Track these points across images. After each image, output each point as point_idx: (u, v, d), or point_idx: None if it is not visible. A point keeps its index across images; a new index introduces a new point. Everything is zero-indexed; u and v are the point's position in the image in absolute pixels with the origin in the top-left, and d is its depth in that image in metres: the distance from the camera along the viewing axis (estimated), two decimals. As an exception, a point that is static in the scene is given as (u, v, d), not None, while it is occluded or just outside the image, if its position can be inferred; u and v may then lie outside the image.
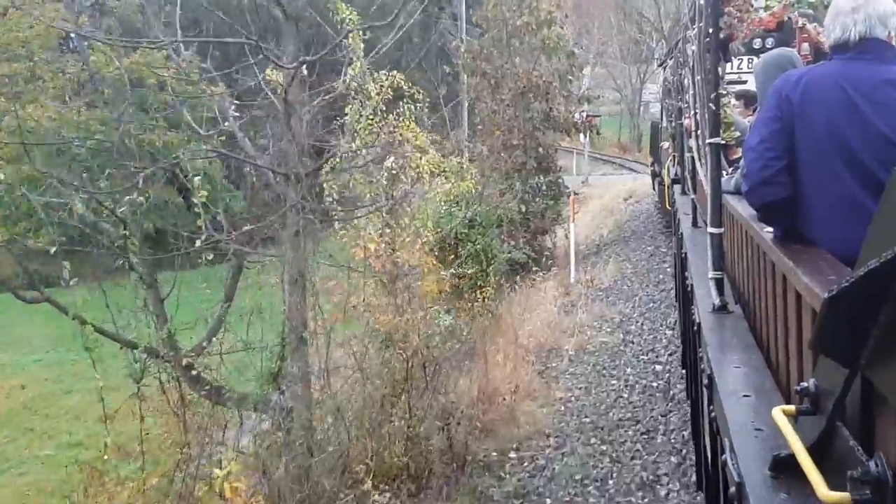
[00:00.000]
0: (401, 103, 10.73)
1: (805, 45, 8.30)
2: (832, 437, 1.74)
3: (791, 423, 1.92)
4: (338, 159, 9.76)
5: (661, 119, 20.33)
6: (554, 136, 22.45)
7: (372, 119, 10.30)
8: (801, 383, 1.89)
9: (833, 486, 1.57)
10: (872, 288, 1.31)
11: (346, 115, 10.28)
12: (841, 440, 1.69)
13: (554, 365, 11.84)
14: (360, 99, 10.22)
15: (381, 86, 10.45)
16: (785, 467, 2.02)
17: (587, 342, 12.49)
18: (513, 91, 20.36)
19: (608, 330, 13.06)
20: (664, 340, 11.90)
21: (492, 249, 15.09)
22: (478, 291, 13.63)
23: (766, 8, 8.40)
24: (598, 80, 63.44)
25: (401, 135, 10.65)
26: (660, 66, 22.69)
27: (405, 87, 10.85)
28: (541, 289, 16.33)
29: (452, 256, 14.17)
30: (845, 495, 1.48)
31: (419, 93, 11.07)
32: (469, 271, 14.47)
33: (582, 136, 26.12)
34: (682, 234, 8.26)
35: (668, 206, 14.86)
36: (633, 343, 12.36)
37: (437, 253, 13.59)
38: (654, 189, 27.84)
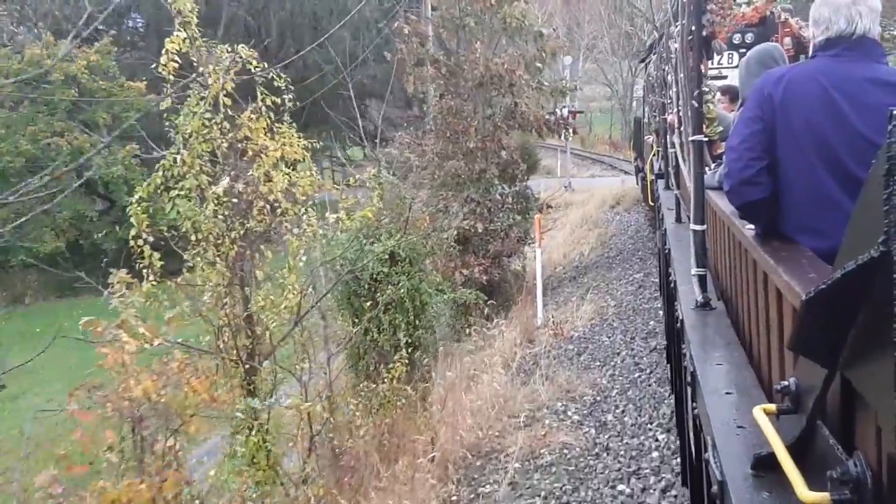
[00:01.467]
0: (262, 96, 7.43)
1: (787, 40, 8.36)
2: (812, 436, 1.74)
3: (772, 422, 1.93)
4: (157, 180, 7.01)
5: (644, 114, 20.38)
6: (523, 137, 20.23)
7: (209, 119, 7.08)
8: (782, 382, 1.89)
9: (813, 485, 1.57)
10: (849, 290, 1.32)
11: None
12: (821, 439, 1.69)
13: (485, 491, 7.41)
14: (195, 89, 7.10)
15: (224, 67, 7.12)
16: (767, 466, 2.03)
17: (542, 442, 8.10)
18: (470, 82, 16.76)
19: (575, 418, 8.68)
20: (655, 454, 7.36)
21: (421, 294, 11.81)
22: (391, 363, 10.05)
23: (749, 3, 8.45)
24: (589, 76, 63.12)
25: (254, 142, 7.42)
26: (641, 62, 22.76)
27: (255, 68, 7.26)
28: (497, 337, 12.52)
29: (371, 303, 10.97)
30: (825, 495, 1.48)
31: (284, 81, 7.56)
32: (382, 332, 11.28)
33: (562, 136, 21.02)
34: (665, 229, 8.28)
35: (650, 201, 14.88)
36: (608, 451, 7.75)
37: (348, 302, 11.60)
38: (637, 184, 27.91)
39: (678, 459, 6.84)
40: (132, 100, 29.31)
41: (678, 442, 6.95)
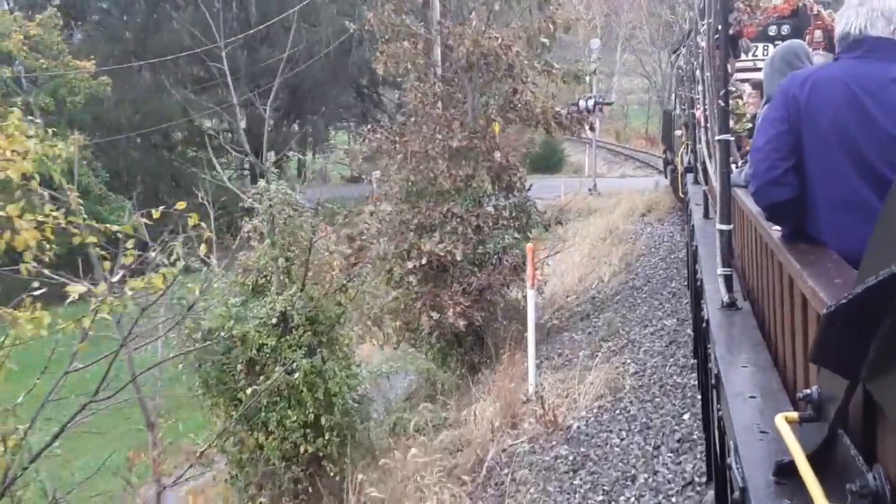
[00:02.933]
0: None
1: (818, 32, 8.27)
2: (834, 446, 1.73)
3: (794, 430, 1.93)
4: None
5: (675, 106, 20.20)
6: (525, 133, 16.11)
7: None
8: (805, 390, 1.88)
9: (833, 495, 1.57)
10: (871, 303, 1.31)
11: None
12: (842, 449, 1.69)
13: None
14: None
15: None
16: (789, 473, 2.02)
17: None
18: (456, 63, 13.23)
19: None
20: None
21: (327, 380, 8.49)
22: (282, 483, 7.78)
23: (782, -6, 8.36)
24: (627, 67, 62.12)
25: None
26: (674, 52, 22.54)
27: None
28: (469, 417, 9.26)
29: (251, 391, 7.97)
30: None
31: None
32: (270, 436, 8.24)
33: (575, 134, 16.16)
34: (693, 225, 8.23)
35: (681, 194, 14.76)
36: None
37: (221, 389, 8.50)
38: (666, 177, 27.58)
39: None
40: (80, 81, 26.77)
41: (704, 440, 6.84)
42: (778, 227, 3.08)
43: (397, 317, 12.09)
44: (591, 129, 18.36)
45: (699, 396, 7.62)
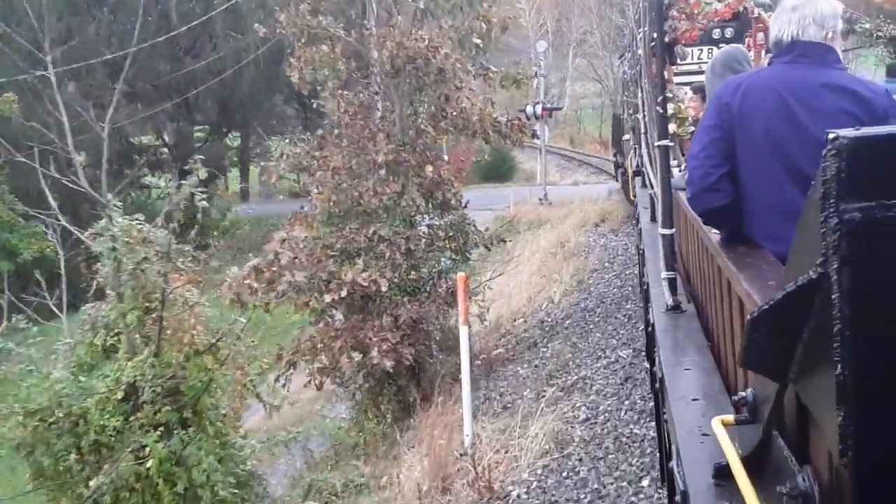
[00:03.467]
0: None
1: (760, 35, 8.42)
2: (768, 448, 1.76)
3: (732, 433, 1.95)
4: None
5: (623, 110, 20.45)
6: (461, 142, 15.29)
7: None
8: (740, 393, 1.91)
9: (769, 497, 1.59)
10: (792, 308, 1.34)
11: None
12: (776, 451, 1.71)
13: None
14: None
15: None
16: (727, 476, 2.04)
17: None
18: (379, 68, 12.10)
19: None
20: None
21: (190, 468, 6.55)
22: None
23: (721, -1, 8.52)
24: (579, 71, 62.12)
25: None
26: (620, 57, 22.82)
27: None
28: (396, 480, 8.07)
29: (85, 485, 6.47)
30: None
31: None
32: None
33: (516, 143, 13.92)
34: (640, 228, 8.31)
35: (631, 196, 14.94)
36: None
37: (46, 485, 6.56)
38: (617, 180, 27.82)
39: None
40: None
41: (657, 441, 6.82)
42: (717, 231, 3.12)
43: (314, 358, 10.46)
44: (534, 136, 16.30)
45: (654, 421, 7.59)
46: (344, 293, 10.06)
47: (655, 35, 3.68)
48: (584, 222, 21.33)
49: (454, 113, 11.98)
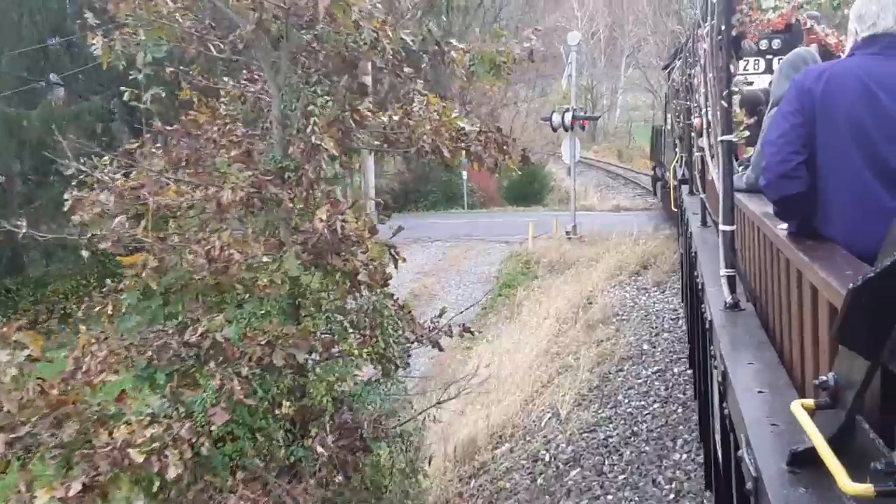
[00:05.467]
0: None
1: (812, 47, 8.33)
2: (852, 431, 1.74)
3: (810, 417, 1.93)
4: None
5: (665, 121, 20.30)
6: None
7: None
8: (820, 377, 1.88)
9: (854, 478, 1.57)
10: (894, 282, 1.32)
11: None
12: (861, 433, 1.69)
13: None
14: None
15: None
16: (803, 461, 2.02)
17: None
18: (243, 29, 6.64)
19: None
20: None
21: None
22: None
23: (775, 9, 8.45)
24: (632, 82, 60.80)
25: None
26: (665, 68, 22.65)
27: None
28: None
29: None
30: (868, 486, 1.48)
31: None
32: None
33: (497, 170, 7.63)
34: (690, 233, 8.28)
35: (673, 207, 14.82)
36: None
37: None
38: (655, 194, 27.32)
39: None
40: None
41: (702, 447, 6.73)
42: (783, 226, 3.08)
43: None
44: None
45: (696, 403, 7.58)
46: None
47: (723, 27, 3.66)
48: (619, 269, 16.51)
49: (390, 122, 7.35)
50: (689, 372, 8.78)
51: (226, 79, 7.61)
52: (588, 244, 19.93)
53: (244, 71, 7.63)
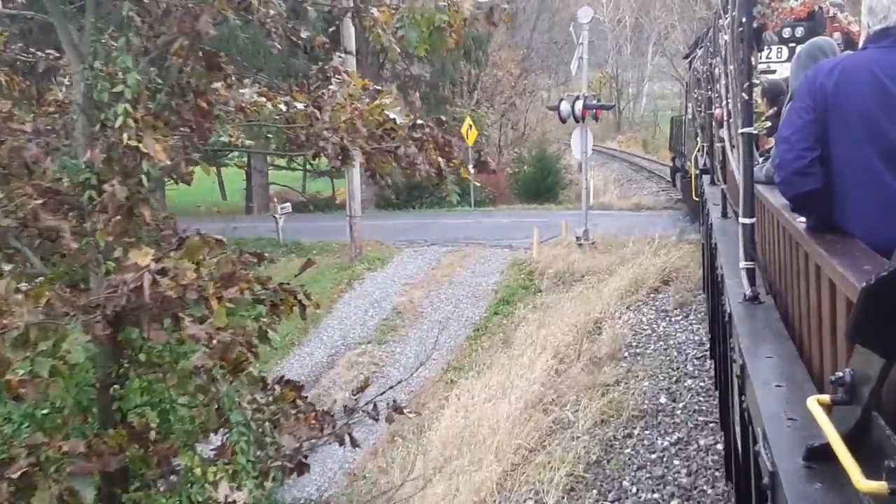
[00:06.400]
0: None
1: (836, 35, 8.27)
2: (868, 427, 1.73)
3: (826, 413, 1.93)
4: None
5: (686, 111, 20.11)
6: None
7: None
8: (836, 373, 1.88)
9: (869, 475, 1.57)
10: None
11: None
12: (877, 430, 1.69)
13: None
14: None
15: None
16: (819, 457, 2.02)
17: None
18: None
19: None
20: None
21: None
22: None
23: (798, -3, 8.40)
24: (658, 69, 58.07)
25: None
26: (685, 58, 22.45)
27: None
28: None
29: None
30: (882, 484, 1.48)
31: None
32: None
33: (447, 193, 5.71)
34: (711, 224, 8.23)
35: (695, 196, 14.71)
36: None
37: None
38: (675, 185, 26.91)
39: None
40: None
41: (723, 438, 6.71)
42: (802, 219, 3.07)
43: None
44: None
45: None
46: None
47: (744, 20, 3.64)
48: (636, 285, 13.78)
49: (297, 108, 5.46)
50: (720, 447, 7.41)
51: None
52: (601, 252, 17.13)
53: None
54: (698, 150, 13.79)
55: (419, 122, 5.51)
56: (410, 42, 5.01)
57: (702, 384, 9.44)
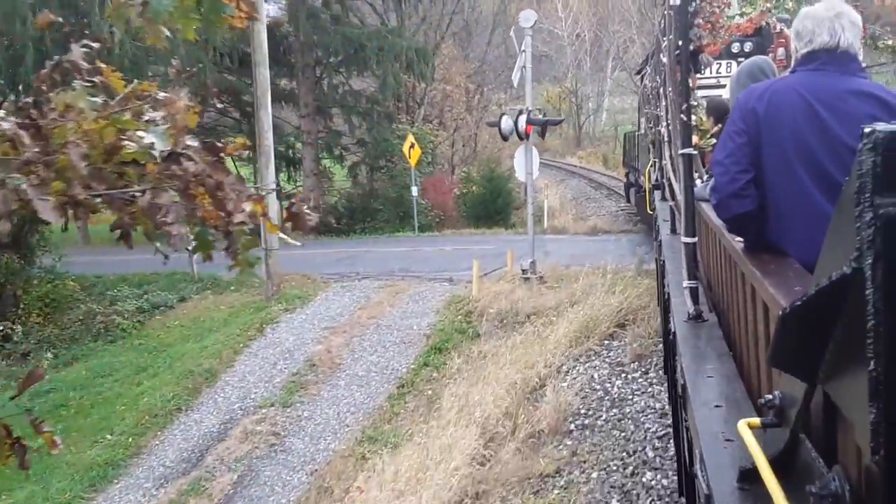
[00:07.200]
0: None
1: (781, 50, 8.42)
2: (796, 450, 1.75)
3: (758, 436, 1.95)
4: None
5: (639, 127, 20.35)
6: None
7: None
8: (766, 396, 1.91)
9: (796, 499, 1.58)
10: (825, 305, 1.33)
11: None
12: (804, 452, 1.71)
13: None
14: None
15: None
16: (752, 479, 2.04)
17: None
18: None
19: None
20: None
21: None
22: None
23: (743, 14, 8.54)
24: (617, 84, 58.05)
25: None
26: (637, 73, 22.76)
27: None
28: None
29: None
30: None
31: None
32: None
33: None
34: (660, 240, 8.31)
35: (649, 210, 14.82)
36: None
37: None
38: (629, 200, 26.91)
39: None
40: None
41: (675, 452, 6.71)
42: (741, 239, 3.12)
43: None
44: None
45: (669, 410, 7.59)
46: None
47: (680, 43, 3.70)
48: (587, 329, 11.76)
49: None
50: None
51: None
52: (550, 287, 14.93)
53: None
54: (651, 165, 13.94)
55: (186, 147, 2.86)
56: (158, 15, 2.86)
57: (664, 482, 7.51)
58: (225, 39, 24.95)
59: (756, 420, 1.97)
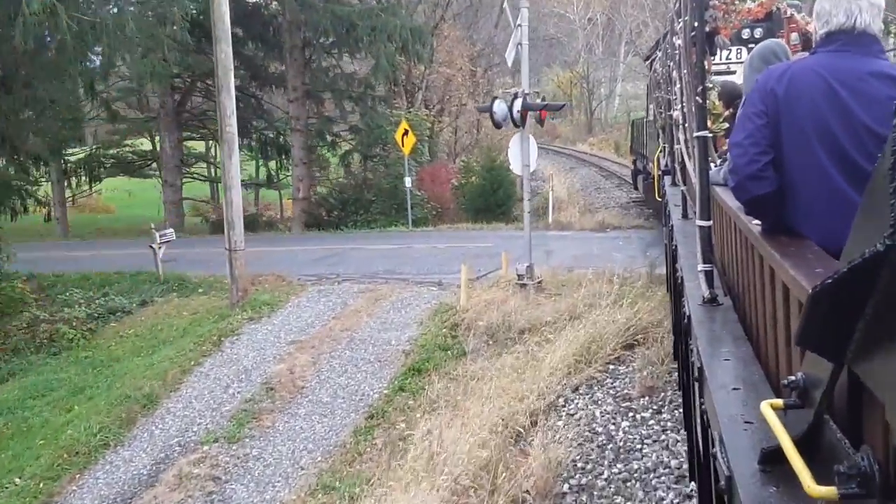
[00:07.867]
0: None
1: (793, 35, 8.37)
2: (820, 431, 1.74)
3: (779, 417, 1.94)
4: None
5: (648, 112, 20.29)
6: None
7: None
8: (789, 377, 1.90)
9: (821, 479, 1.57)
10: (856, 283, 1.32)
11: None
12: (829, 433, 1.70)
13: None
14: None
15: None
16: (774, 461, 2.03)
17: None
18: None
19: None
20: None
21: None
22: None
23: (755, -1, 8.48)
24: (629, 69, 56.59)
25: None
26: (646, 60, 22.65)
27: None
28: None
29: None
30: (832, 489, 1.49)
31: None
32: None
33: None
34: (672, 225, 8.29)
35: (658, 196, 14.77)
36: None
37: None
38: (636, 187, 26.70)
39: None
40: None
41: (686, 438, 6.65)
42: (758, 222, 3.10)
43: None
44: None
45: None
46: None
47: (696, 24, 3.67)
48: (588, 352, 10.33)
49: None
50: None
51: None
52: (549, 295, 13.28)
53: None
54: (661, 151, 13.89)
55: None
56: None
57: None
58: (186, 14, 23.02)
59: (778, 401, 1.96)
